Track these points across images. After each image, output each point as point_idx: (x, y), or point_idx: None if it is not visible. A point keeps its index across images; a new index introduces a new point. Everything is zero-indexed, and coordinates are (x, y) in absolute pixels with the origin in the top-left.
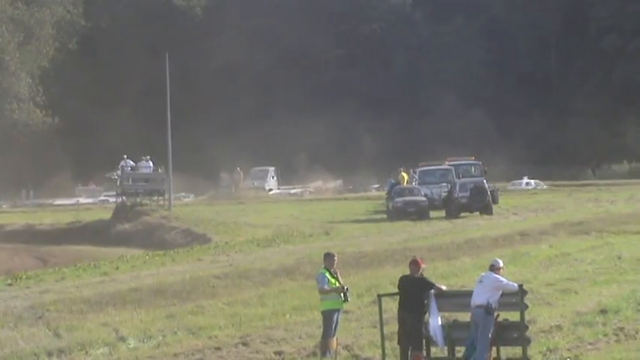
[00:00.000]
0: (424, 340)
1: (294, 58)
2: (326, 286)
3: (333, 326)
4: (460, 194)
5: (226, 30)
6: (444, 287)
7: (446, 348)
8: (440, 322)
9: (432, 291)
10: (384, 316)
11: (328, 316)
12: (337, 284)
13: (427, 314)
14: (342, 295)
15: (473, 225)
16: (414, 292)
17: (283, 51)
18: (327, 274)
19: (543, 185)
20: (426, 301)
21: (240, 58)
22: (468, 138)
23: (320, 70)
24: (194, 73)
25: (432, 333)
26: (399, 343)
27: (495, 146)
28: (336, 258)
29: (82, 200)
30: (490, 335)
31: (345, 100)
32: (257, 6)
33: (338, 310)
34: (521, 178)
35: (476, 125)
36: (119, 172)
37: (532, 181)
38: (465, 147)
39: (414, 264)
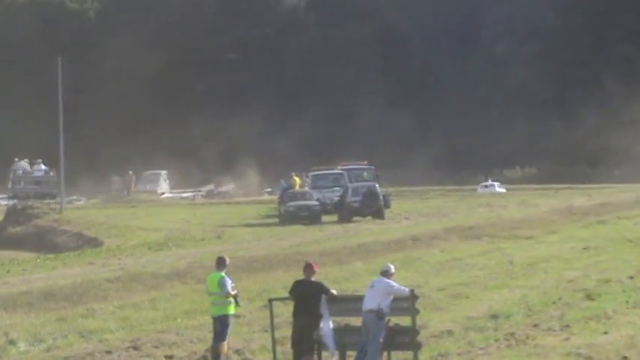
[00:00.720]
0: (316, 345)
1: (188, 59)
2: (230, 289)
3: (228, 331)
4: (352, 198)
5: (120, 32)
6: (334, 292)
7: (337, 353)
8: (331, 327)
9: (324, 296)
10: (276, 320)
11: (225, 321)
12: None
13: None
14: (234, 299)
15: (365, 229)
16: (309, 297)
17: (178, 53)
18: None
19: (503, 189)
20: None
21: (134, 60)
22: (364, 143)
23: (215, 73)
24: (87, 76)
25: (323, 338)
26: (292, 347)
27: (389, 151)
28: (227, 262)
29: None
30: (381, 340)
31: (241, 103)
32: (150, 8)
33: (232, 315)
34: (487, 181)
35: (369, 131)
36: (11, 176)
37: (495, 184)
38: (359, 151)
39: (309, 268)
